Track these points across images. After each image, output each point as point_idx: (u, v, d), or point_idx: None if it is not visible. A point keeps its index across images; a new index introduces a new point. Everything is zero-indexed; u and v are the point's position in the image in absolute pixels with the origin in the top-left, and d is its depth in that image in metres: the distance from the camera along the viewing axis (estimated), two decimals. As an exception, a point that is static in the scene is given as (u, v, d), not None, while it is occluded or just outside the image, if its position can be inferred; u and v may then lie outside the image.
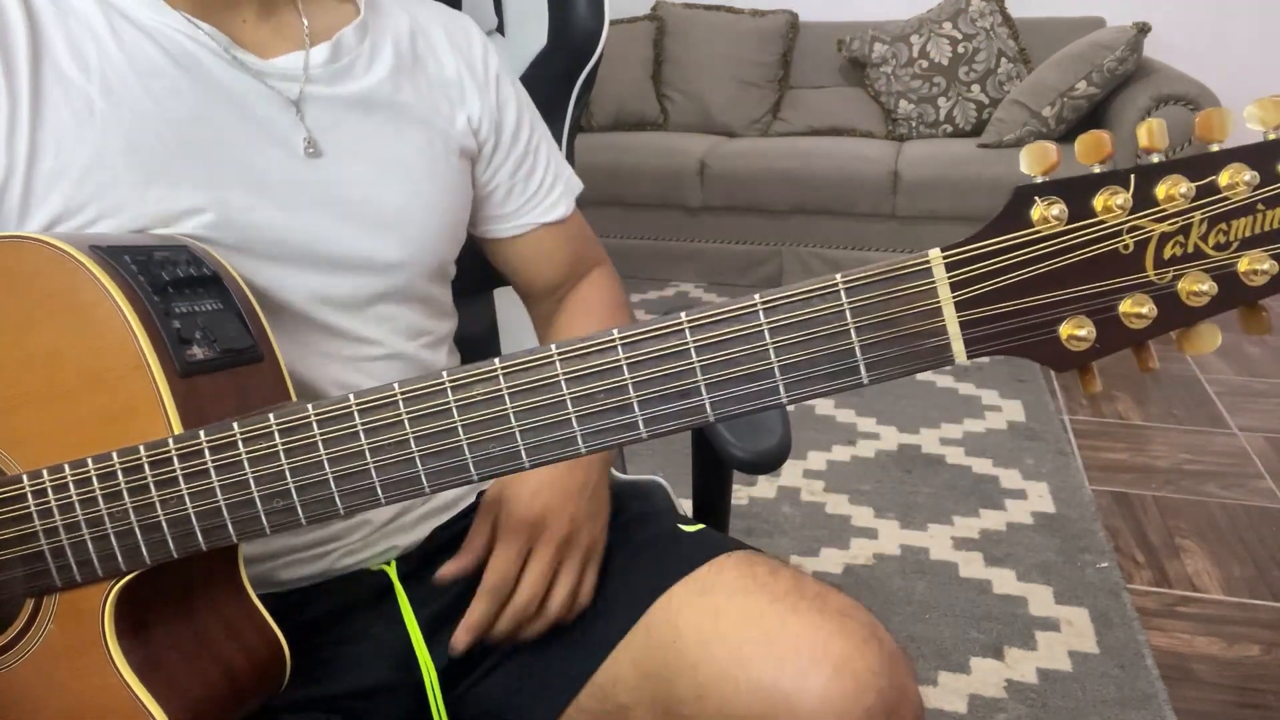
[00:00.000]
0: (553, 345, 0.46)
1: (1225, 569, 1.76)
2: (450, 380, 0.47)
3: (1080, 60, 3.00)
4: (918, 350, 0.42)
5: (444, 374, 0.47)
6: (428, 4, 0.79)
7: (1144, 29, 2.94)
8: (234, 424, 0.50)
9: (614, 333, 0.45)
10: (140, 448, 0.51)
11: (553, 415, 0.46)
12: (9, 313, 0.54)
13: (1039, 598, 1.69)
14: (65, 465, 0.53)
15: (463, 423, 0.47)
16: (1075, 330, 0.41)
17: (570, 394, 0.46)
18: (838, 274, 0.43)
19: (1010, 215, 0.41)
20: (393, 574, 0.72)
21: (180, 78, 0.62)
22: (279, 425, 0.49)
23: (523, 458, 0.47)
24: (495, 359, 0.46)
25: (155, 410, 0.52)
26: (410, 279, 0.71)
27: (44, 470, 0.53)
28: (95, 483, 0.52)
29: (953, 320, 0.42)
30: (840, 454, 2.24)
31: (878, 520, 1.96)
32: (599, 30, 0.93)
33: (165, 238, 0.60)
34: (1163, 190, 0.39)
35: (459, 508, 0.78)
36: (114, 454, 0.52)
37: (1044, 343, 0.41)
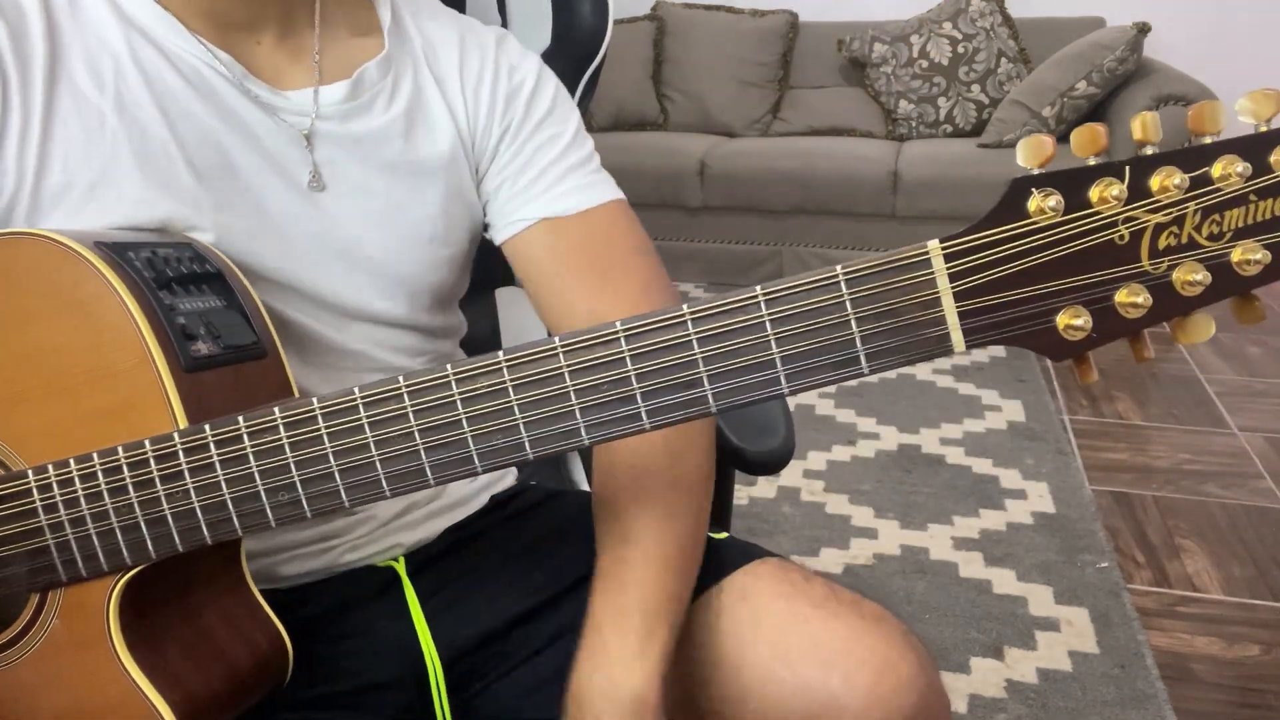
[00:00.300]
0: (556, 337, 0.46)
1: (1225, 569, 1.76)
2: (455, 373, 0.47)
3: (1080, 60, 3.00)
4: (917, 340, 0.43)
5: (448, 367, 0.47)
6: (453, 21, 0.75)
7: (1144, 29, 2.94)
8: (239, 418, 0.50)
9: (617, 324, 0.45)
10: (145, 442, 0.51)
11: (556, 407, 0.46)
12: (13, 308, 0.54)
13: (1039, 598, 1.69)
14: (70, 460, 0.53)
15: (467, 415, 0.47)
16: (1072, 320, 0.41)
17: (574, 386, 0.46)
18: (838, 265, 0.43)
19: (1007, 207, 0.41)
20: (401, 570, 0.72)
21: (194, 101, 0.62)
22: (284, 419, 0.49)
23: (526, 449, 0.47)
24: (499, 351, 0.47)
25: (160, 405, 0.52)
26: (409, 314, 0.70)
27: (49, 465, 0.53)
28: (100, 477, 0.52)
29: (951, 310, 0.42)
30: (840, 454, 2.24)
31: (878, 520, 1.96)
32: (603, 30, 0.92)
33: (169, 235, 0.60)
34: (1157, 182, 0.39)
35: (470, 507, 0.78)
36: (119, 449, 0.52)
37: (1041, 332, 0.42)
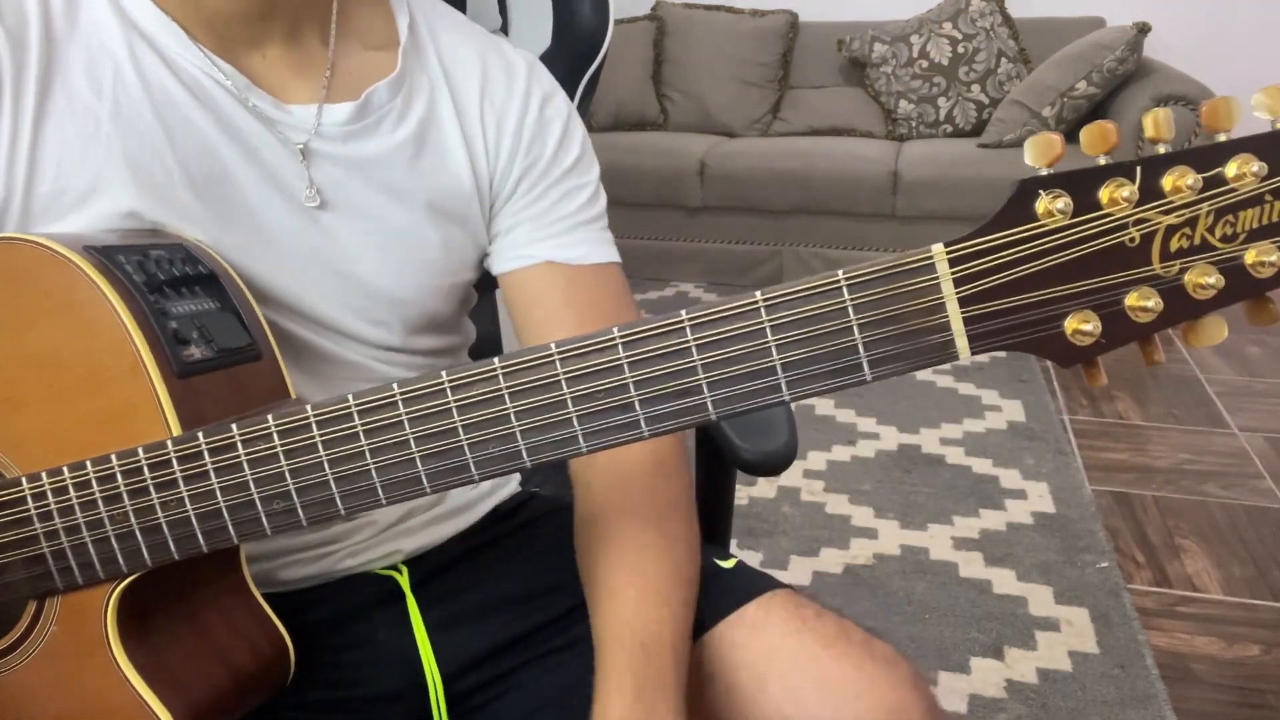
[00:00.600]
0: (552, 344, 0.46)
1: (1225, 569, 1.76)
2: (450, 380, 0.46)
3: (1080, 60, 3.00)
4: (921, 346, 0.42)
5: (443, 374, 0.47)
6: (475, 40, 0.72)
7: (1144, 29, 2.94)
8: (233, 425, 0.50)
9: (614, 331, 0.45)
10: (139, 450, 0.51)
11: (553, 415, 0.46)
12: (4, 314, 0.53)
13: (1039, 598, 1.69)
14: (64, 468, 0.52)
15: (463, 423, 0.47)
16: (1080, 325, 0.40)
17: (571, 393, 0.45)
18: (839, 270, 0.42)
19: (1014, 209, 0.40)
20: (404, 582, 0.72)
21: (194, 110, 0.60)
22: (278, 426, 0.49)
23: (523, 457, 0.47)
24: (495, 358, 0.46)
25: (153, 412, 0.52)
26: (404, 339, 0.70)
27: (43, 473, 0.53)
28: (95, 485, 0.52)
29: (956, 316, 0.41)
30: (840, 454, 2.24)
31: (878, 520, 1.96)
32: (604, 30, 0.92)
33: (162, 235, 0.59)
34: (1169, 182, 0.39)
35: (473, 515, 0.78)
36: (113, 456, 0.51)
37: (1049, 338, 0.41)
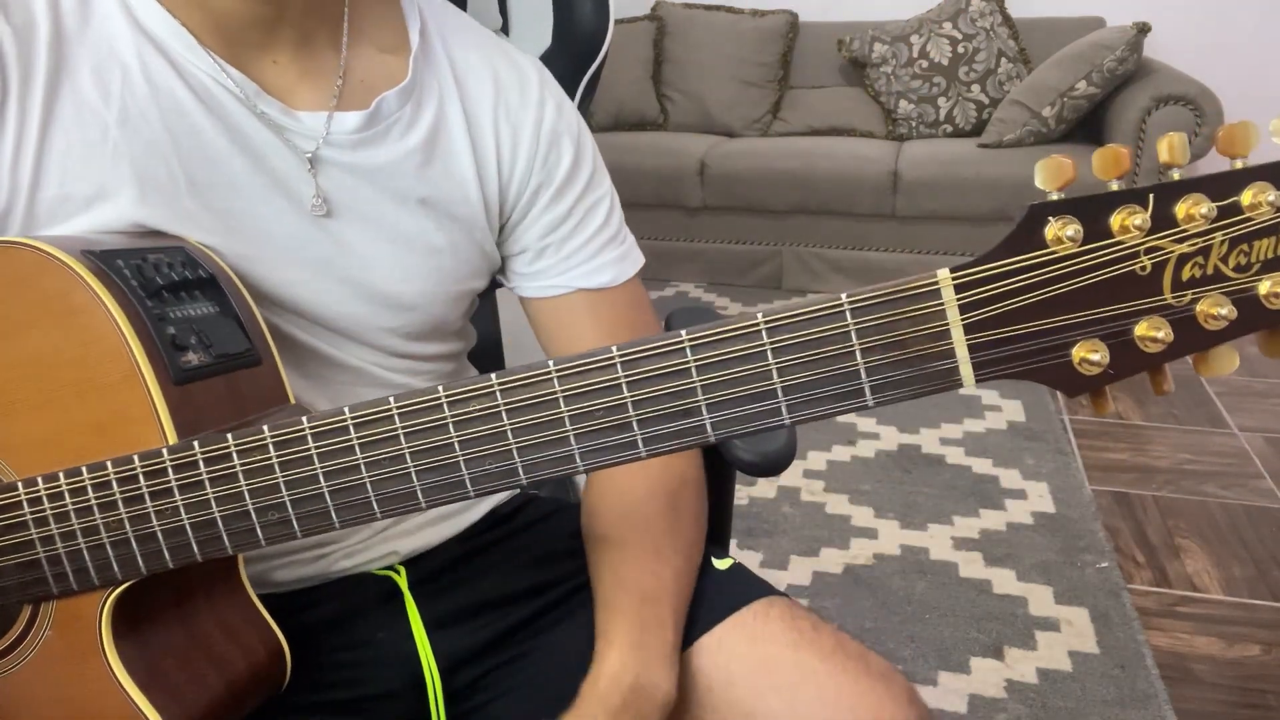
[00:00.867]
0: (550, 362, 0.45)
1: (1225, 569, 1.76)
2: (446, 396, 0.46)
3: (1080, 60, 3.00)
4: (925, 373, 0.41)
5: (440, 389, 0.46)
6: (487, 48, 0.72)
7: (1144, 29, 2.94)
8: (228, 436, 0.49)
9: (613, 350, 0.44)
10: (134, 458, 0.51)
11: (550, 433, 0.45)
12: (6, 318, 0.53)
13: (1039, 598, 1.69)
14: (60, 474, 0.52)
15: (459, 439, 0.46)
16: (1088, 354, 0.39)
17: (568, 411, 0.45)
18: (843, 293, 0.41)
19: (1023, 234, 0.39)
20: (402, 583, 0.72)
21: (202, 117, 0.60)
22: (274, 439, 0.49)
23: (519, 474, 0.46)
24: (493, 375, 0.46)
25: (149, 419, 0.51)
26: (408, 344, 0.70)
27: (39, 478, 0.53)
28: (90, 492, 0.52)
29: (961, 343, 0.40)
30: (840, 454, 2.24)
31: (878, 520, 1.96)
32: (604, 30, 0.92)
33: (162, 238, 0.59)
34: (1183, 210, 0.38)
35: (469, 517, 0.78)
36: (108, 464, 0.51)
37: (1055, 367, 0.40)
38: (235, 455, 0.49)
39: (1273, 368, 2.62)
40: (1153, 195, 0.38)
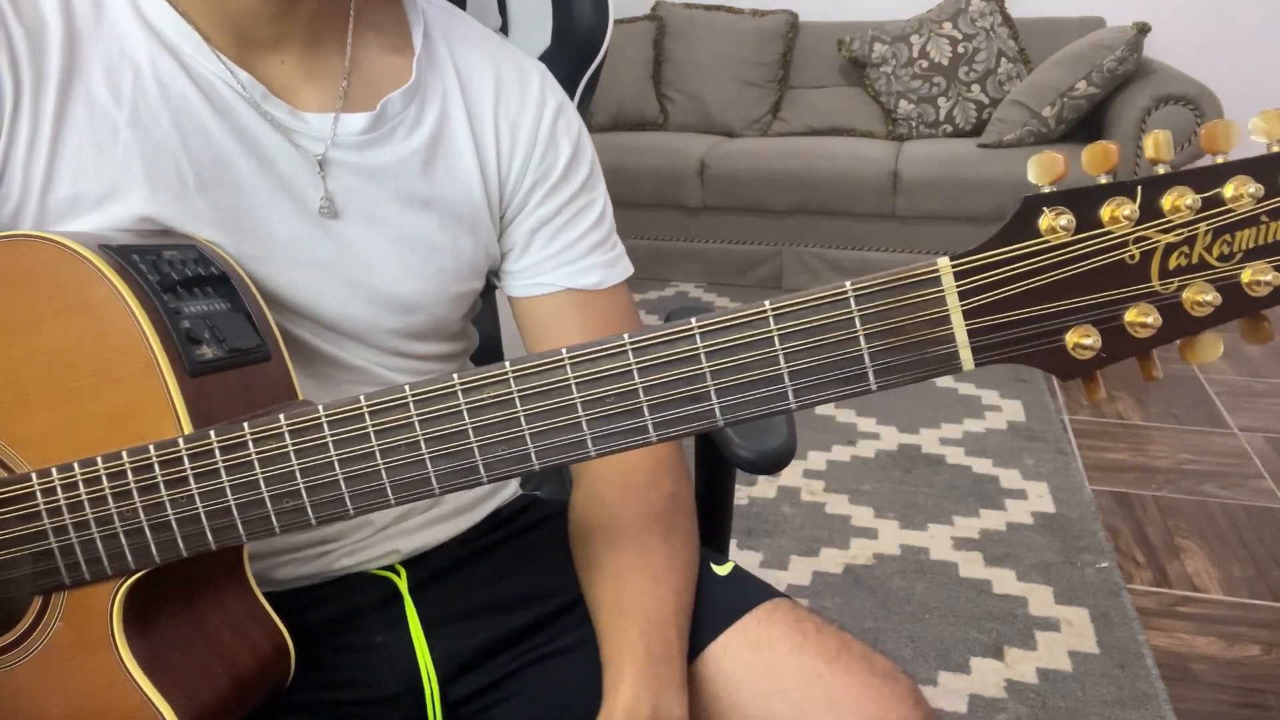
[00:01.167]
0: (563, 349, 0.46)
1: (1225, 569, 1.76)
2: (461, 383, 0.47)
3: (1080, 60, 3.00)
4: (926, 358, 0.43)
5: (455, 377, 0.47)
6: (489, 48, 0.72)
7: (1144, 29, 2.94)
8: (245, 424, 0.50)
9: (625, 337, 0.45)
10: (150, 447, 0.51)
11: (563, 418, 0.46)
12: (19, 311, 0.54)
13: (1039, 598, 1.69)
14: (75, 464, 0.52)
15: (473, 425, 0.47)
16: (1081, 339, 0.41)
17: (581, 398, 0.46)
18: (847, 281, 0.43)
19: (1018, 225, 0.41)
20: (403, 586, 0.72)
21: (210, 119, 0.61)
22: (289, 426, 0.49)
23: (532, 460, 0.47)
24: (506, 362, 0.46)
25: (164, 410, 0.52)
26: (412, 345, 0.70)
27: (53, 469, 0.53)
28: (105, 481, 0.52)
29: (960, 328, 0.42)
30: (840, 454, 2.24)
31: (878, 520, 1.96)
32: (604, 30, 0.92)
33: (174, 236, 0.59)
34: (1168, 201, 0.39)
35: (472, 517, 0.78)
36: (124, 453, 0.51)
37: (1050, 351, 0.42)
38: (251, 444, 0.50)
39: (1273, 368, 2.62)
40: (1140, 187, 0.39)
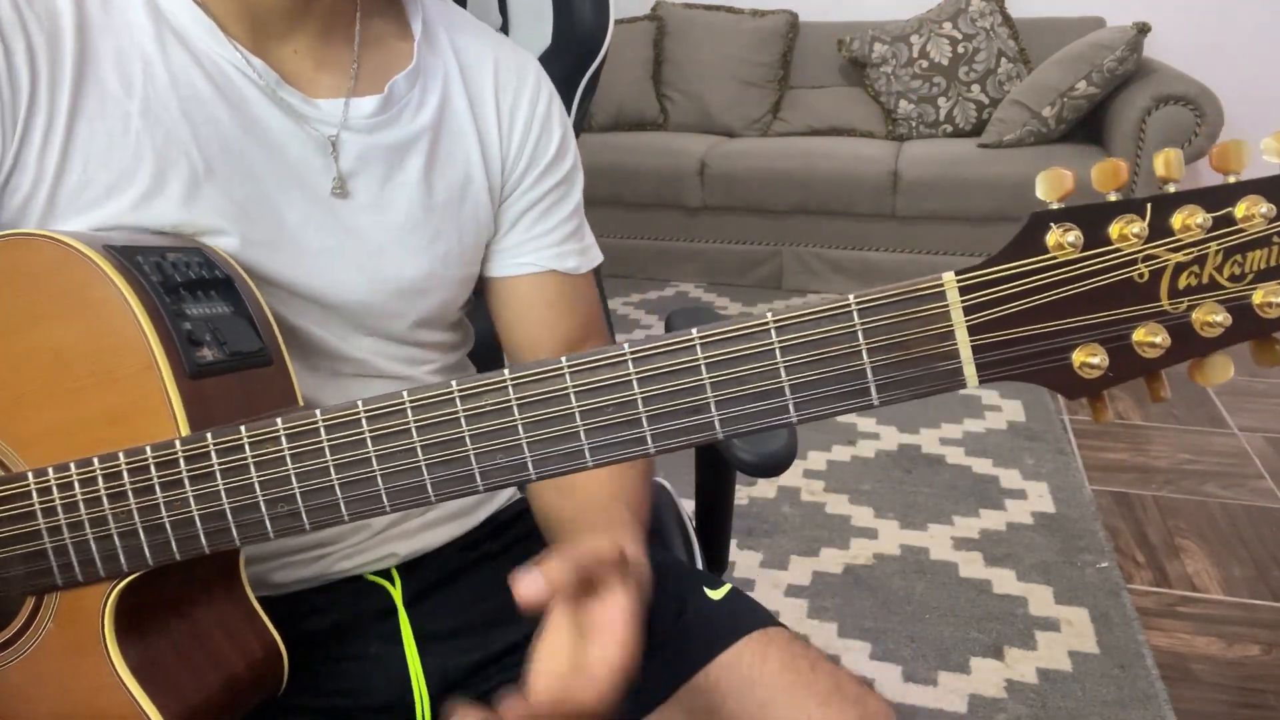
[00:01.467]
0: (563, 358, 0.46)
1: (1225, 569, 1.76)
2: (459, 390, 0.47)
3: (1080, 60, 3.00)
4: (929, 373, 0.42)
5: (453, 384, 0.47)
6: (487, 38, 0.75)
7: (1144, 29, 2.94)
8: (241, 428, 0.50)
9: (625, 347, 0.45)
10: (147, 448, 0.51)
11: (561, 428, 0.46)
12: (20, 310, 0.54)
13: (1039, 598, 1.69)
14: (71, 464, 0.52)
15: (470, 432, 0.47)
16: (1088, 358, 0.40)
17: (579, 407, 0.45)
18: (850, 294, 0.42)
19: (1025, 240, 0.40)
20: (397, 598, 0.72)
21: (220, 107, 0.61)
22: (286, 430, 0.49)
23: (529, 470, 0.47)
24: (505, 369, 0.46)
25: (163, 411, 0.52)
26: (415, 330, 0.71)
27: (49, 469, 0.53)
28: (100, 482, 0.52)
29: (965, 344, 0.41)
30: (840, 454, 2.24)
31: (878, 520, 1.96)
32: (603, 30, 0.92)
33: (179, 238, 0.60)
34: (1179, 220, 0.39)
35: (468, 522, 0.78)
36: (120, 454, 0.51)
37: (1056, 369, 0.41)
38: (248, 446, 0.50)
39: (1273, 368, 2.62)
40: (1150, 205, 0.39)
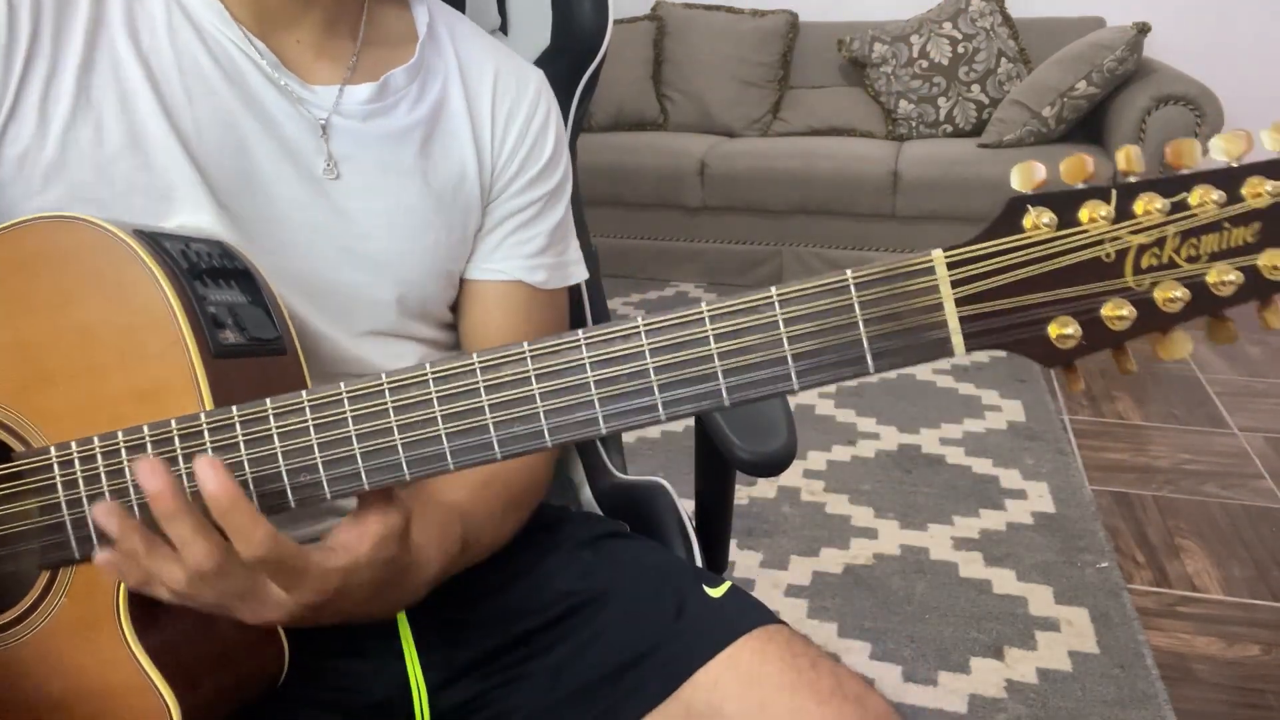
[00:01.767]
0: (579, 331, 0.48)
1: (1225, 569, 1.77)
2: (480, 361, 0.49)
3: (1080, 60, 3.00)
4: (920, 342, 0.45)
5: (474, 356, 0.49)
6: (492, 49, 0.77)
7: (1144, 29, 2.94)
8: (267, 400, 0.51)
9: (638, 320, 0.48)
10: (171, 421, 0.52)
11: (577, 397, 0.48)
12: (51, 288, 0.55)
13: (1039, 598, 1.69)
14: (94, 438, 0.53)
15: (489, 402, 0.49)
16: (1063, 329, 0.44)
17: (594, 377, 0.48)
18: (848, 270, 0.46)
19: (1004, 221, 0.45)
20: None
21: (220, 83, 0.64)
22: (311, 401, 0.51)
23: (545, 438, 0.49)
24: (524, 343, 0.49)
25: (188, 388, 0.53)
26: (398, 322, 0.71)
27: (72, 442, 0.53)
28: (124, 454, 0.52)
29: (953, 315, 0.45)
30: (840, 454, 2.24)
31: (878, 520, 1.96)
32: (603, 29, 0.92)
33: (199, 231, 0.61)
34: (1140, 206, 0.43)
35: None
36: (144, 427, 0.52)
37: (1034, 339, 0.45)
38: (272, 418, 0.51)
39: (1273, 368, 2.62)
40: (1115, 191, 0.43)
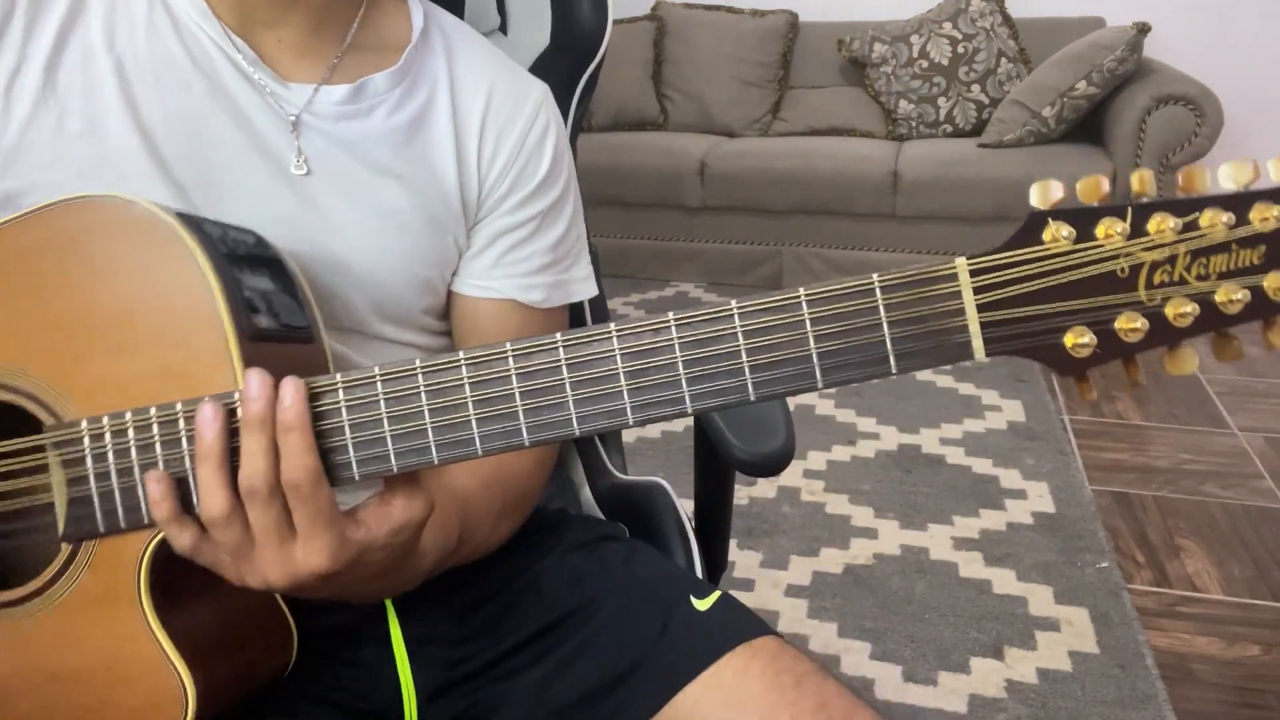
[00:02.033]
0: (611, 324, 0.49)
1: (1225, 569, 1.77)
2: (513, 349, 0.50)
3: (1080, 60, 3.00)
4: (942, 345, 0.47)
5: (508, 345, 0.50)
6: (492, 62, 0.75)
7: (1144, 29, 2.94)
8: (301, 381, 0.51)
9: (669, 315, 0.49)
10: (205, 398, 0.52)
11: (606, 387, 0.50)
12: (91, 265, 0.55)
13: (1039, 598, 1.69)
14: (127, 412, 0.53)
15: (520, 389, 0.50)
16: (1079, 338, 0.46)
17: (624, 369, 0.49)
18: (874, 274, 0.48)
19: (1026, 233, 0.46)
20: (389, 605, 0.71)
21: (193, 76, 0.64)
22: (344, 383, 0.51)
23: (574, 426, 0.50)
24: (558, 333, 0.50)
25: (222, 366, 0.53)
26: (379, 322, 0.70)
27: (104, 416, 0.54)
28: (156, 429, 0.53)
29: (974, 320, 0.47)
30: (840, 454, 2.24)
31: (878, 520, 1.96)
32: (602, 29, 0.92)
33: (235, 222, 0.62)
34: (1154, 225, 0.45)
35: None
36: (178, 404, 0.53)
37: (1051, 347, 0.47)
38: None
39: (1273, 368, 2.62)
40: (1131, 209, 0.46)
